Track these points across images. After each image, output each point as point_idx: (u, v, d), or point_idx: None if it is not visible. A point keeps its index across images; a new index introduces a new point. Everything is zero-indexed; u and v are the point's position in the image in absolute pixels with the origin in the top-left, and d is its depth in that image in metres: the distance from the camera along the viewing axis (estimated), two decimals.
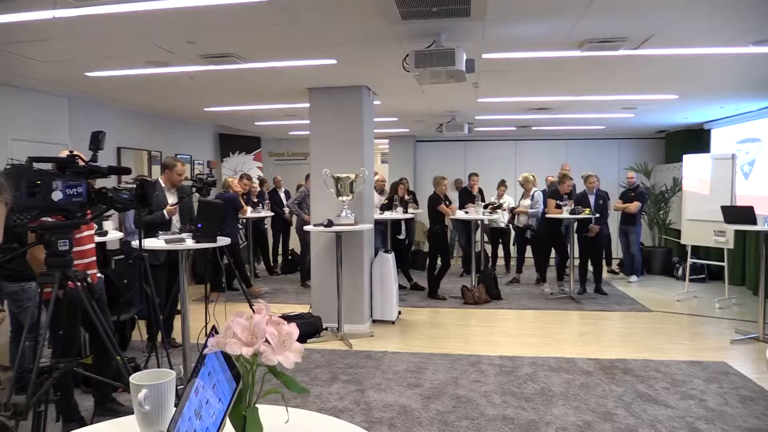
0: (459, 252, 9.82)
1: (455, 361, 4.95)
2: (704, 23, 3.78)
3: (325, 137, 6.01)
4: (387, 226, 7.95)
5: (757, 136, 8.10)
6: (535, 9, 3.50)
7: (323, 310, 5.86)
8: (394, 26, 3.69)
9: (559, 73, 5.37)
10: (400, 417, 3.78)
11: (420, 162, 12.11)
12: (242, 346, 0.94)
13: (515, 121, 9.28)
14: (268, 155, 11.79)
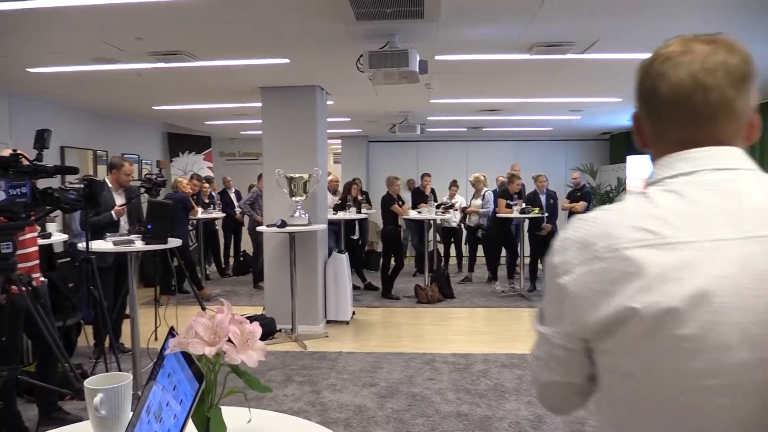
0: (412, 251, 9.89)
1: (409, 360, 4.99)
2: (647, 29, 3.93)
3: (277, 137, 5.96)
4: (341, 226, 7.94)
5: None
6: (487, 12, 3.57)
7: (277, 312, 5.81)
8: (348, 26, 3.70)
9: (509, 76, 5.48)
10: (356, 417, 3.80)
11: (373, 162, 12.15)
12: (205, 345, 0.94)
13: (467, 122, 9.42)
14: (218, 155, 11.60)
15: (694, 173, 0.86)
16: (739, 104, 0.87)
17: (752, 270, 0.78)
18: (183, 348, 0.96)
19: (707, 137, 0.87)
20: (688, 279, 0.78)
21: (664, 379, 0.81)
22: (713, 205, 0.82)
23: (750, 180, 0.84)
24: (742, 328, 0.76)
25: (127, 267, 4.16)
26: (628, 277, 0.81)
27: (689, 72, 0.86)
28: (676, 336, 0.78)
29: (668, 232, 0.81)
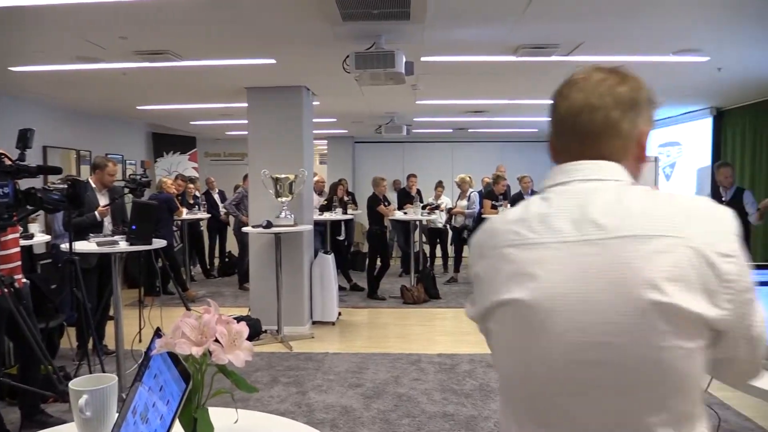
0: (398, 252, 9.91)
1: (395, 360, 4.99)
2: (629, 33, 3.98)
3: (263, 137, 5.94)
4: (326, 227, 7.93)
5: (677, 140, 8.59)
6: (473, 14, 3.59)
7: (262, 313, 5.79)
8: (334, 27, 3.70)
9: (494, 77, 5.52)
10: (342, 417, 3.79)
11: (359, 163, 12.15)
12: (192, 345, 0.94)
13: (452, 123, 9.46)
14: (204, 155, 11.53)
15: (567, 183, 1.00)
16: (625, 125, 1.00)
17: (585, 268, 0.91)
18: (170, 348, 0.96)
19: (593, 152, 1.00)
20: (539, 274, 0.94)
21: (519, 356, 0.98)
22: (568, 210, 0.96)
23: (608, 190, 0.96)
24: (575, 317, 0.91)
25: (111, 268, 4.13)
26: (500, 272, 0.99)
27: (582, 94, 1.01)
28: (528, 323, 0.94)
29: (528, 233, 0.97)
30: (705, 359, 0.91)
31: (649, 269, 0.87)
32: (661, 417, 0.90)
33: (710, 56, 4.61)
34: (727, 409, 3.85)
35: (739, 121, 7.21)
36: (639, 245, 0.89)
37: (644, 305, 0.87)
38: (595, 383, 0.92)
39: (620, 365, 0.89)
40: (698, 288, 0.87)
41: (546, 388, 0.96)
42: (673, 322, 0.87)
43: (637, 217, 0.92)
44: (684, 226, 0.90)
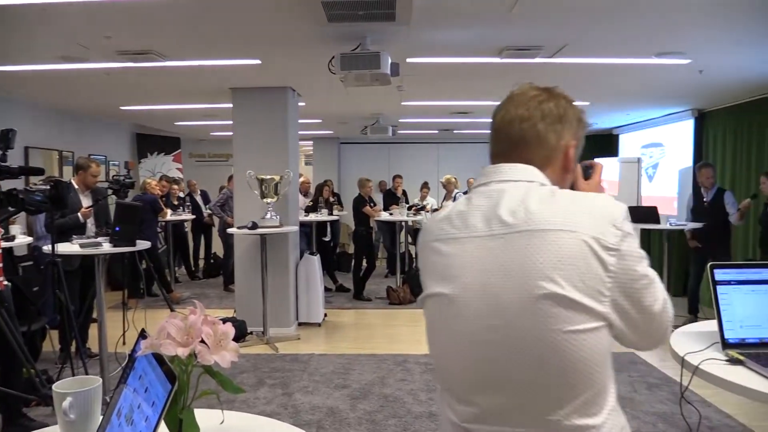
0: (384, 253, 9.91)
1: (381, 361, 5.00)
2: (612, 35, 4.02)
3: (248, 138, 5.92)
4: (312, 228, 7.92)
5: (659, 141, 8.68)
6: (458, 16, 3.61)
7: (248, 314, 5.76)
8: (319, 28, 3.69)
9: (479, 79, 5.54)
10: (328, 418, 3.79)
11: (344, 164, 12.14)
12: (177, 347, 0.93)
13: (438, 124, 9.48)
14: (188, 156, 11.45)
15: (487, 183, 1.13)
16: (551, 137, 1.14)
17: (490, 260, 1.03)
18: (155, 349, 0.96)
19: (520, 158, 1.13)
20: (455, 267, 1.07)
21: (439, 341, 1.13)
22: (481, 208, 1.09)
23: (518, 190, 1.07)
24: (481, 304, 1.03)
25: (94, 270, 4.09)
26: (430, 265, 1.14)
27: (515, 107, 1.15)
28: (445, 312, 1.09)
29: (450, 229, 1.11)
30: (603, 338, 1.00)
31: (543, 260, 0.98)
32: (563, 395, 1.00)
33: (692, 59, 4.67)
34: (709, 406, 3.91)
35: (720, 123, 7.31)
36: (535, 239, 1.00)
37: (538, 293, 0.97)
38: (498, 364, 1.02)
39: (519, 346, 1.00)
40: (586, 278, 0.98)
41: (460, 370, 1.09)
42: (563, 309, 0.97)
43: (537, 213, 1.02)
44: (577, 221, 1.00)
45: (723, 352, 1.47)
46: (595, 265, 0.98)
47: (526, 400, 1.02)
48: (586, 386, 1.00)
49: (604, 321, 1.00)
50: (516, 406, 1.03)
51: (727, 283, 1.53)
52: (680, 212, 7.46)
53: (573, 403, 1.00)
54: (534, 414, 1.02)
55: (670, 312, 1.10)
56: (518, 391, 1.02)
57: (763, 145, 6.44)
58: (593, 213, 1.02)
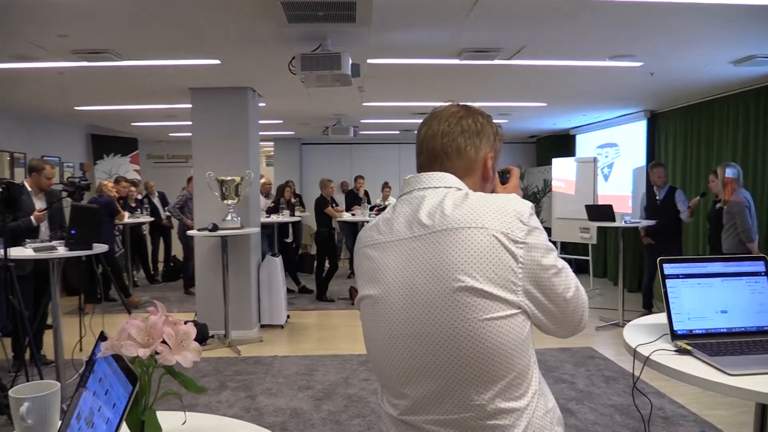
0: (346, 254, 9.91)
1: (345, 362, 5.01)
2: (568, 38, 4.12)
3: (208, 139, 5.84)
4: (274, 229, 7.86)
5: (614, 141, 8.92)
6: (418, 18, 3.65)
7: (209, 317, 5.69)
8: (280, 29, 3.68)
9: (439, 80, 5.60)
10: (292, 420, 3.78)
11: (306, 165, 12.09)
12: (138, 347, 0.93)
13: (399, 125, 9.53)
14: (146, 157, 11.22)
15: (410, 192, 1.24)
16: (470, 150, 1.25)
17: (411, 260, 1.13)
18: (116, 351, 0.95)
19: (441, 169, 1.24)
20: (382, 270, 1.17)
21: (370, 339, 1.23)
22: (404, 214, 1.19)
23: (436, 195, 1.18)
24: (404, 301, 1.12)
25: (49, 274, 3.98)
26: (362, 269, 1.25)
27: (437, 123, 1.26)
28: (373, 312, 1.19)
29: (377, 235, 1.22)
30: (518, 325, 1.09)
31: (458, 256, 1.07)
32: (485, 380, 1.08)
33: (643, 62, 4.82)
34: (663, 397, 4.04)
35: (671, 124, 7.56)
36: (450, 237, 1.09)
37: (455, 286, 1.06)
38: (423, 356, 1.10)
39: (441, 337, 1.08)
40: (498, 270, 1.07)
41: (390, 365, 1.17)
42: (479, 299, 1.06)
43: (451, 214, 1.12)
44: (486, 218, 1.09)
45: (672, 343, 1.53)
46: (505, 257, 1.07)
47: (451, 387, 1.09)
48: (506, 371, 1.08)
49: (518, 309, 1.09)
50: (443, 394, 1.10)
51: (676, 277, 1.60)
52: (634, 210, 7.69)
53: (495, 387, 1.08)
54: (460, 400, 1.09)
55: (583, 297, 1.19)
56: (443, 380, 1.09)
57: (711, 146, 6.68)
58: (501, 210, 1.11)
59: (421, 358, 1.11)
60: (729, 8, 3.41)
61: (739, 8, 3.40)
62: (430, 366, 1.10)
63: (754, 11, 3.46)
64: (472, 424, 1.09)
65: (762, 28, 3.85)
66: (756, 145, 5.93)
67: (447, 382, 1.09)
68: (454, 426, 1.11)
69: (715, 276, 1.62)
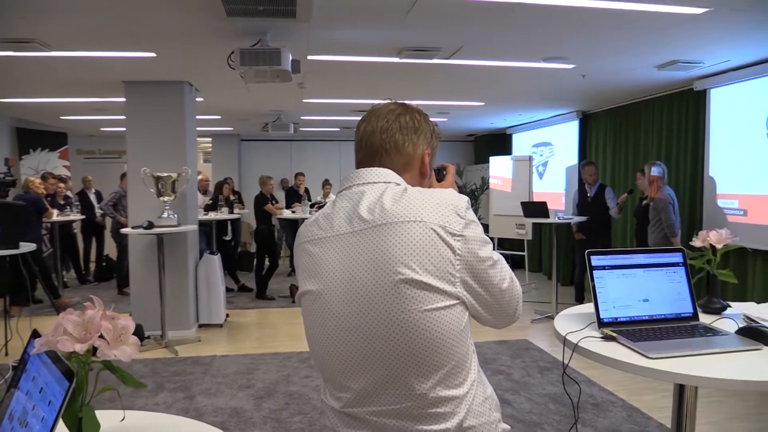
0: (286, 251, 9.84)
1: (286, 359, 4.98)
2: (504, 40, 4.24)
3: (143, 134, 5.68)
4: (212, 227, 7.73)
5: (549, 141, 9.22)
6: (358, 16, 3.67)
7: (145, 318, 5.53)
8: (218, 22, 3.63)
9: (380, 78, 5.65)
10: (232, 419, 3.74)
11: (245, 161, 11.91)
12: (75, 342, 0.91)
13: (340, 122, 9.53)
14: (76, 153, 10.77)
15: (349, 187, 1.25)
16: (407, 146, 1.29)
17: (352, 253, 1.15)
18: (51, 347, 0.93)
19: (379, 165, 1.27)
20: (322, 265, 1.19)
21: (313, 334, 1.24)
22: (344, 209, 1.21)
23: (376, 191, 1.20)
24: (345, 295, 1.14)
25: None
26: (302, 265, 1.25)
27: (376, 120, 1.29)
28: (316, 307, 1.20)
29: (317, 231, 1.24)
30: (457, 315, 1.13)
31: (398, 249, 1.10)
32: (425, 369, 1.11)
33: (575, 64, 5.02)
34: (593, 385, 4.23)
35: (602, 124, 7.88)
36: (390, 230, 1.12)
37: (396, 279, 1.09)
38: (365, 347, 1.13)
39: (382, 328, 1.10)
40: (437, 262, 1.10)
41: (333, 358, 1.19)
42: (419, 291, 1.09)
43: (391, 208, 1.15)
44: (424, 212, 1.13)
45: (599, 331, 1.62)
46: (443, 250, 1.11)
47: (393, 377, 1.12)
48: (446, 360, 1.12)
49: (456, 300, 1.13)
50: (385, 385, 1.13)
51: (602, 268, 1.69)
52: (567, 207, 7.98)
53: (435, 376, 1.11)
54: (402, 390, 1.12)
55: (518, 289, 1.26)
56: (385, 370, 1.12)
57: (638, 145, 7.02)
58: (439, 204, 1.15)
59: (363, 350, 1.13)
60: (653, 15, 3.59)
61: (662, 16, 3.59)
62: (372, 357, 1.13)
63: (676, 19, 3.67)
64: (414, 413, 1.13)
65: (683, 35, 4.08)
66: (678, 145, 6.27)
67: (389, 373, 1.12)
68: (397, 416, 1.13)
69: (638, 267, 1.72)
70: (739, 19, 3.72)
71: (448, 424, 1.13)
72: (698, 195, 5.95)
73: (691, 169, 6.08)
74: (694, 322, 1.72)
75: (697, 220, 5.91)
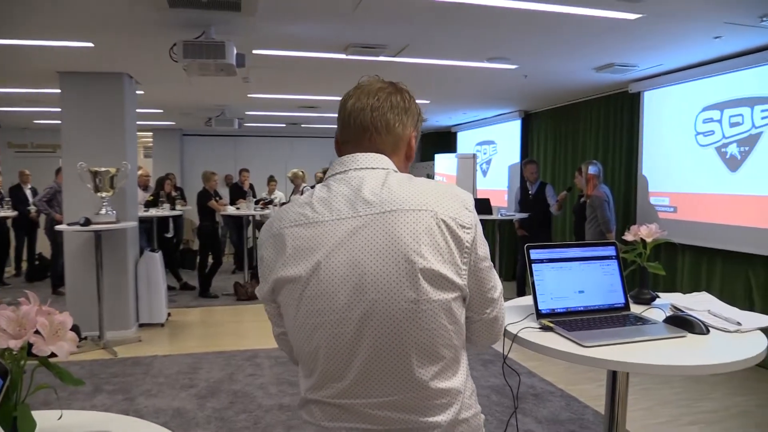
0: (230, 249, 9.69)
1: (230, 358, 4.92)
2: (449, 39, 4.30)
3: (79, 128, 5.47)
4: (153, 223, 7.53)
5: (492, 139, 9.42)
6: (304, 11, 3.65)
7: (81, 318, 5.33)
8: (161, 13, 3.53)
9: (326, 74, 5.63)
10: (175, 420, 3.67)
11: (188, 157, 11.65)
12: (9, 338, 0.89)
13: (286, 118, 9.45)
14: (6, 146, 10.29)
15: (343, 172, 1.19)
16: (397, 126, 1.24)
17: (356, 239, 1.09)
18: None
19: (370, 145, 1.22)
20: (319, 249, 1.10)
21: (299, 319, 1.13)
22: (343, 194, 1.15)
23: (377, 176, 1.16)
24: (349, 281, 1.08)
25: None
26: (286, 250, 1.14)
27: (366, 97, 1.23)
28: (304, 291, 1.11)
29: (311, 214, 1.14)
30: (460, 307, 1.13)
31: (408, 237, 1.07)
32: (427, 363, 1.09)
33: (518, 64, 5.14)
34: (534, 376, 4.36)
35: (543, 124, 8.11)
36: (400, 217, 1.09)
37: (406, 267, 1.06)
38: (369, 335, 1.08)
39: (388, 317, 1.07)
40: (446, 252, 1.08)
41: (329, 347, 1.11)
42: (429, 280, 1.07)
43: (399, 194, 1.11)
44: (435, 201, 1.11)
45: (537, 321, 1.68)
46: (453, 241, 1.10)
47: (395, 366, 1.09)
48: (447, 351, 1.11)
49: (460, 292, 1.12)
50: (386, 375, 1.09)
51: (541, 261, 1.76)
52: (510, 204, 8.17)
53: (436, 366, 1.10)
54: (404, 380, 1.09)
55: (504, 307, 1.25)
56: (387, 359, 1.09)
57: (576, 145, 7.26)
58: (449, 196, 1.13)
59: (365, 339, 1.08)
60: (591, 19, 3.73)
61: (600, 20, 3.73)
62: (376, 346, 1.08)
63: (612, 24, 3.82)
64: (413, 404, 1.11)
65: (619, 39, 4.25)
66: (614, 145, 6.52)
67: (391, 362, 1.09)
68: (395, 407, 1.11)
69: (574, 260, 1.80)
70: (668, 25, 3.91)
71: (446, 416, 1.13)
72: (632, 193, 6.21)
73: (625, 168, 6.34)
74: (625, 312, 1.80)
75: (631, 217, 6.17)
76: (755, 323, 1.71)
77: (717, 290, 5.03)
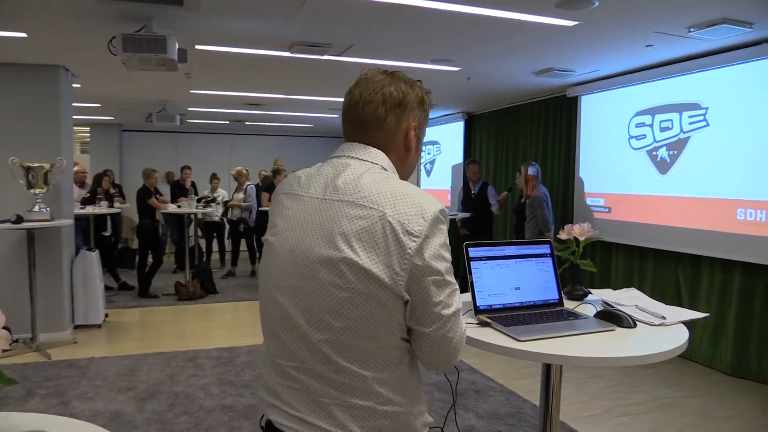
0: (171, 247, 9.47)
1: (171, 359, 4.82)
2: (393, 40, 4.35)
3: (11, 121, 5.23)
4: (90, 221, 7.29)
5: (436, 140, 9.56)
6: (248, 8, 3.62)
7: (12, 320, 5.01)
8: (99, 4, 3.42)
9: (271, 71, 5.59)
10: (113, 423, 3.57)
11: (127, 153, 11.30)
12: None
13: (229, 115, 9.31)
14: None
15: (339, 156, 1.26)
16: (391, 121, 1.24)
17: (310, 218, 1.18)
18: None
19: (363, 138, 1.25)
20: (287, 218, 1.22)
21: (262, 282, 1.28)
22: (325, 175, 1.22)
23: (358, 168, 1.20)
24: (293, 254, 1.18)
25: None
26: (272, 213, 1.28)
27: (360, 91, 1.26)
28: (268, 256, 1.25)
29: (296, 186, 1.26)
30: (395, 312, 1.12)
31: (348, 228, 1.12)
32: (349, 352, 1.12)
33: (461, 66, 5.25)
34: (475, 372, 4.46)
35: (485, 125, 8.29)
36: (347, 208, 1.13)
37: (334, 253, 1.11)
38: (296, 309, 1.16)
39: (315, 297, 1.13)
40: (382, 253, 1.09)
41: (269, 307, 1.24)
42: (354, 273, 1.09)
43: (363, 189, 1.14)
44: (387, 203, 1.12)
45: (476, 318, 1.74)
46: (394, 244, 1.09)
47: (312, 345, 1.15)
48: (366, 342, 1.12)
49: (392, 293, 1.10)
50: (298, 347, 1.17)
51: (479, 259, 1.82)
52: (453, 203, 8.31)
53: (352, 353, 1.12)
54: (320, 358, 1.14)
55: (461, 330, 1.19)
56: (305, 336, 1.15)
57: (517, 146, 7.46)
58: (408, 201, 1.13)
59: (294, 311, 1.17)
60: (531, 25, 3.85)
61: (540, 26, 3.86)
62: (299, 323, 1.16)
63: (552, 30, 3.95)
64: (328, 378, 1.14)
65: (558, 44, 4.41)
66: (553, 147, 6.74)
67: (313, 343, 1.14)
68: (313, 376, 1.15)
69: (510, 258, 1.87)
70: (603, 33, 4.08)
71: (369, 401, 1.14)
72: (570, 193, 6.43)
73: (564, 169, 6.56)
74: (559, 308, 1.89)
75: (568, 216, 6.39)
76: (679, 317, 1.82)
77: (648, 287, 5.28)
